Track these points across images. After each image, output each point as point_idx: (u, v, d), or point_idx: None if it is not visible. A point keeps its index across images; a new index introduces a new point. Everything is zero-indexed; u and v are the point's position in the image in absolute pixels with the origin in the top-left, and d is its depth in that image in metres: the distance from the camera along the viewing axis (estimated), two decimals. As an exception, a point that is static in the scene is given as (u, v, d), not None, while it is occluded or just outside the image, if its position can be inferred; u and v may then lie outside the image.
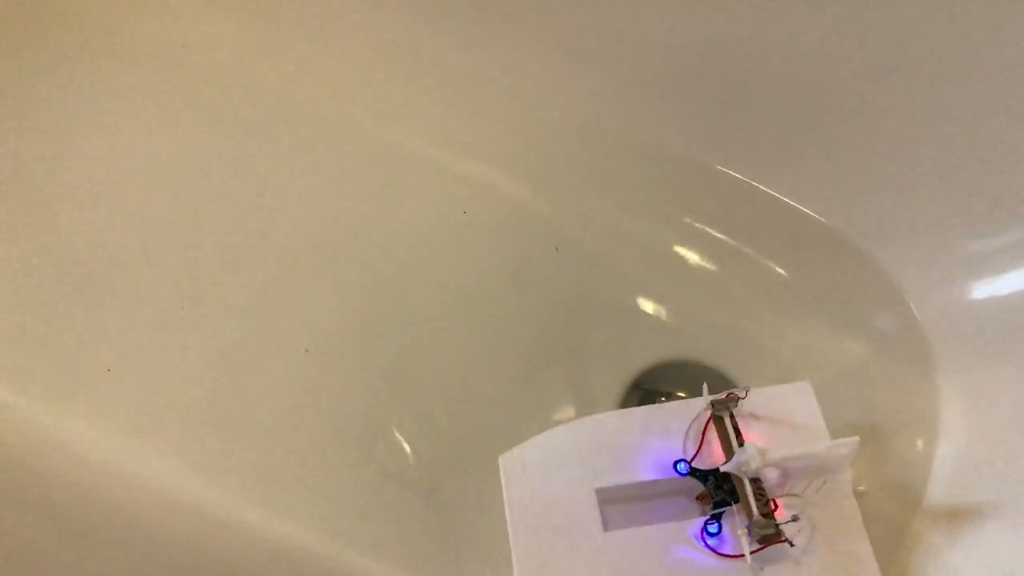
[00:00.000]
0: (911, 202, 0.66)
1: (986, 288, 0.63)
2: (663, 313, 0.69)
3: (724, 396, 0.54)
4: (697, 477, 0.52)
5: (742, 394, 0.54)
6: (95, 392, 0.66)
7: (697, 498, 0.53)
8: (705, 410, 0.54)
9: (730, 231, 0.71)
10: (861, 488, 0.56)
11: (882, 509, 0.59)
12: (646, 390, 0.65)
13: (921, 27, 0.61)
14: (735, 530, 0.51)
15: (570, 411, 0.65)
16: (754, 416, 0.55)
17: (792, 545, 0.50)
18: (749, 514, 0.50)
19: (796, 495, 0.52)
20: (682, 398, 0.65)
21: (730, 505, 0.51)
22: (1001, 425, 0.57)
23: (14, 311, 0.70)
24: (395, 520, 0.61)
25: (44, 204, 0.76)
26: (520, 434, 0.61)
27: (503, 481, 0.54)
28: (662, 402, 0.65)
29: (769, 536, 0.50)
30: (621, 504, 0.54)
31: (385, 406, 0.66)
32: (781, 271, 0.69)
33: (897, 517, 0.58)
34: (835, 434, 0.56)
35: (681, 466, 0.53)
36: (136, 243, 0.74)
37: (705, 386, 0.55)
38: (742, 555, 0.50)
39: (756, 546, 0.50)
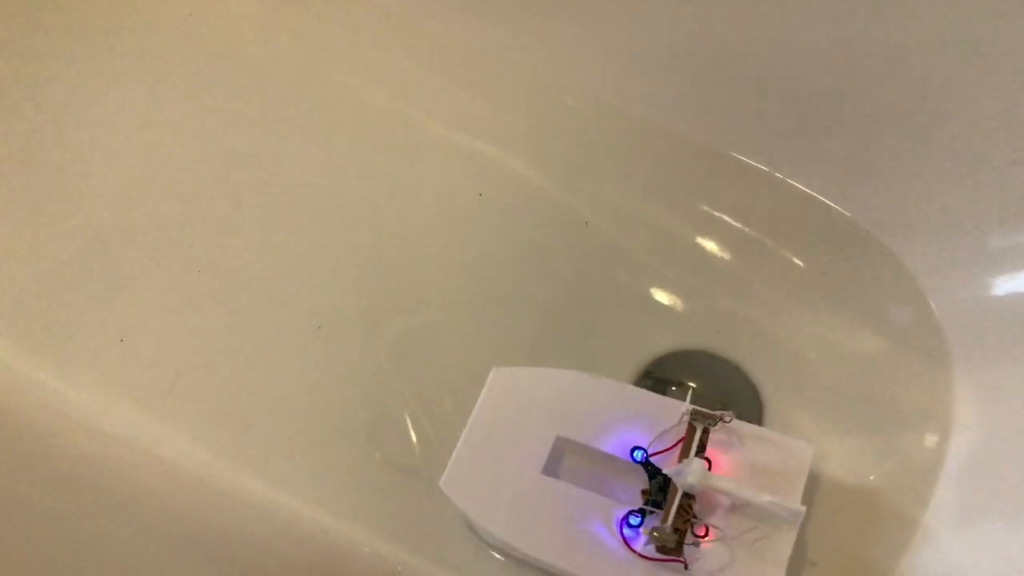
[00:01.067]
0: (931, 196, 0.66)
1: (1004, 285, 0.62)
2: (677, 301, 0.68)
3: (711, 412, 0.54)
4: (647, 471, 0.53)
5: (727, 418, 0.54)
6: (107, 363, 0.66)
7: (642, 491, 0.54)
8: (685, 415, 0.54)
9: (748, 221, 0.71)
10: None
11: (892, 503, 0.59)
12: (657, 379, 0.65)
13: (948, 20, 0.60)
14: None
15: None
16: (743, 445, 0.55)
17: (686, 568, 0.51)
18: (663, 520, 0.50)
19: (718, 528, 0.52)
20: (693, 388, 0.65)
21: (660, 508, 0.52)
22: (1015, 423, 0.57)
23: (27, 285, 0.70)
24: (397, 501, 0.61)
25: (56, 179, 0.76)
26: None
27: (484, 389, 0.56)
28: (672, 392, 0.64)
29: (668, 549, 0.50)
30: (571, 460, 0.56)
31: (393, 387, 0.66)
32: (798, 262, 0.69)
33: (907, 511, 0.58)
34: (846, 430, 0.56)
35: (638, 454, 0.54)
36: (148, 218, 0.74)
37: (689, 393, 0.58)
38: (643, 556, 0.51)
39: (655, 554, 0.51)
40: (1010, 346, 0.60)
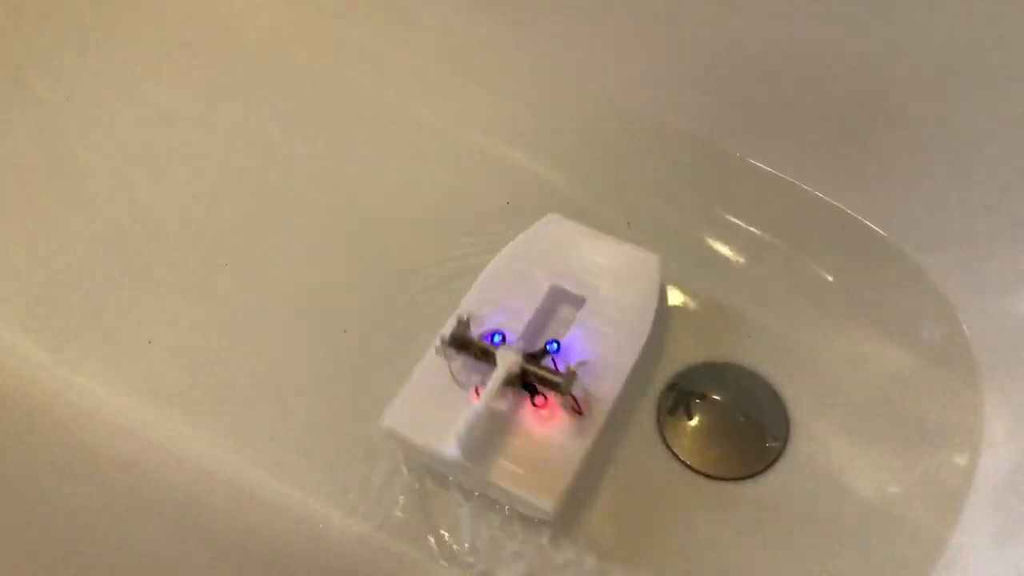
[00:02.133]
0: (962, 212, 0.66)
1: (1036, 304, 0.62)
2: (704, 313, 0.68)
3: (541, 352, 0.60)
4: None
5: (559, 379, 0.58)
6: (131, 361, 0.67)
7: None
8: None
9: (778, 233, 0.71)
10: None
11: (921, 520, 0.58)
12: (681, 390, 0.65)
13: (976, 36, 0.60)
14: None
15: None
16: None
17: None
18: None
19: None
20: (722, 399, 0.64)
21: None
22: (1046, 443, 0.57)
23: (53, 283, 0.70)
24: (413, 507, 0.61)
25: (75, 178, 0.76)
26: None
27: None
28: (696, 403, 0.64)
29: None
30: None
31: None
32: (828, 276, 0.69)
33: (935, 530, 0.58)
34: (874, 446, 0.55)
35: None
36: (169, 214, 0.74)
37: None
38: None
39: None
40: (1041, 365, 0.60)
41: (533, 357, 0.60)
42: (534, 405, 0.59)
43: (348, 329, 0.68)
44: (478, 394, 0.59)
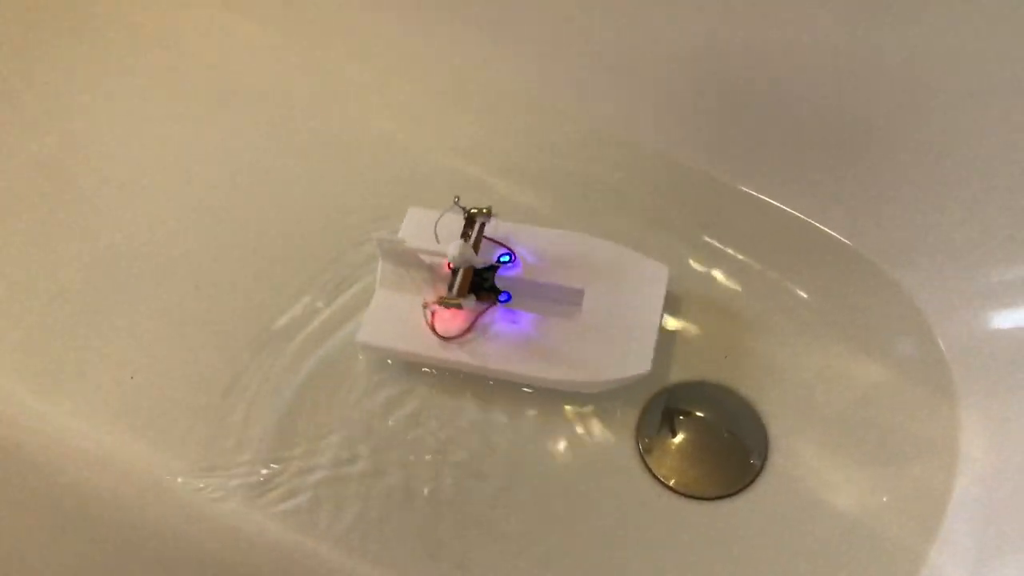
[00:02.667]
0: (936, 227, 0.66)
1: (1010, 316, 0.62)
2: (683, 333, 0.69)
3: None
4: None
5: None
6: (114, 394, 0.67)
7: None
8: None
9: (752, 252, 0.71)
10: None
11: (900, 536, 0.59)
12: (665, 408, 0.65)
13: (948, 51, 0.61)
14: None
15: (597, 425, 0.65)
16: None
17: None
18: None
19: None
20: (702, 418, 0.65)
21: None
22: (1022, 454, 0.57)
23: (37, 316, 0.70)
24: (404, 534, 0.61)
25: (64, 208, 0.77)
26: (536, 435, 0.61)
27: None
28: (681, 420, 0.65)
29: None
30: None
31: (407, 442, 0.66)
32: (802, 293, 0.69)
33: (914, 545, 0.58)
34: (852, 461, 0.56)
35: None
36: (158, 244, 0.74)
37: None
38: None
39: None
40: (1016, 378, 0.60)
41: (483, 277, 0.66)
42: (444, 298, 0.64)
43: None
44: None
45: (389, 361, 0.68)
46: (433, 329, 0.64)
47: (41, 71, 0.84)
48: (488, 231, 0.67)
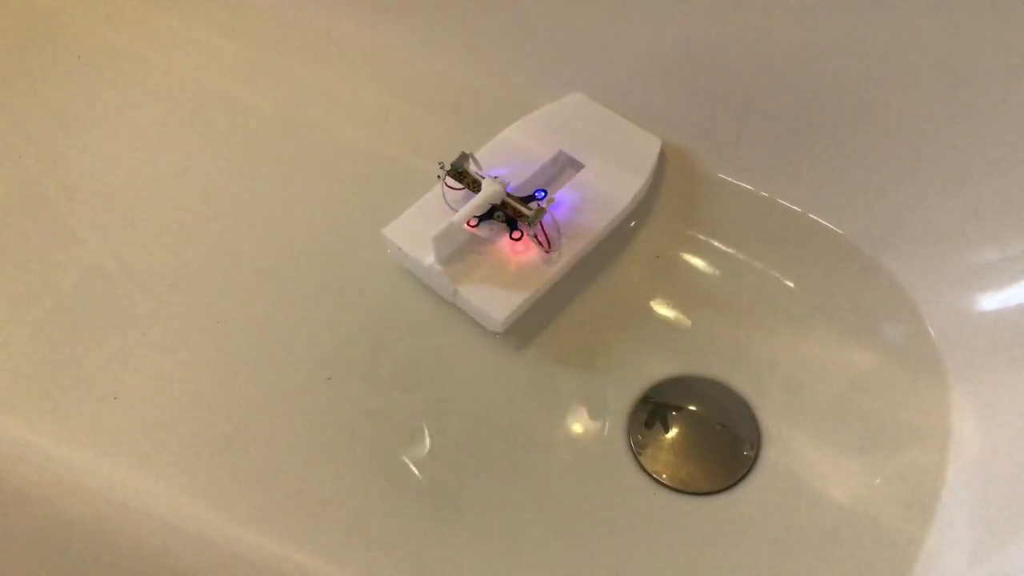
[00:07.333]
0: (921, 210, 0.66)
1: (998, 298, 0.62)
2: (671, 327, 0.68)
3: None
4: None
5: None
6: (104, 419, 0.65)
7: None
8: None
9: (737, 242, 0.71)
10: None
11: (895, 522, 0.58)
12: (656, 403, 0.65)
13: (927, 35, 0.60)
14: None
15: (582, 423, 0.65)
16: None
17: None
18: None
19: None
20: (693, 412, 0.64)
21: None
22: (1015, 437, 0.57)
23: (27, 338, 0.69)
24: (400, 548, 0.60)
25: (52, 228, 0.75)
26: (535, 440, 0.62)
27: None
28: (672, 415, 0.64)
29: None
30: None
31: (395, 433, 0.65)
32: (789, 282, 0.69)
33: (911, 530, 0.58)
34: (844, 449, 0.55)
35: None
36: (143, 267, 0.73)
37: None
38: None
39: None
40: (1006, 359, 0.60)
41: (523, 200, 0.67)
42: (511, 238, 0.67)
43: (332, 376, 0.67)
44: (469, 225, 0.67)
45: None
46: (544, 244, 0.66)
47: (14, 93, 0.83)
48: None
